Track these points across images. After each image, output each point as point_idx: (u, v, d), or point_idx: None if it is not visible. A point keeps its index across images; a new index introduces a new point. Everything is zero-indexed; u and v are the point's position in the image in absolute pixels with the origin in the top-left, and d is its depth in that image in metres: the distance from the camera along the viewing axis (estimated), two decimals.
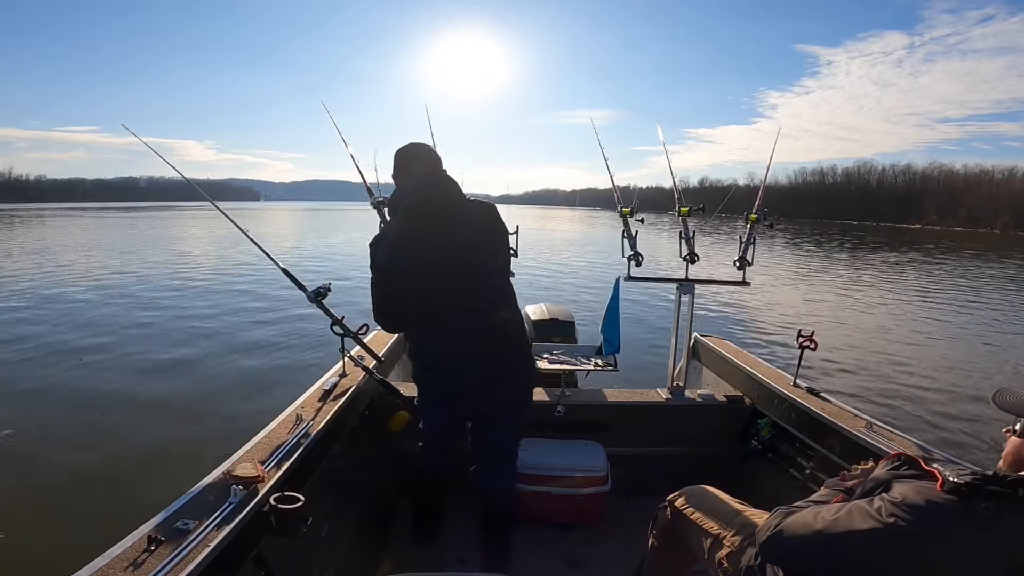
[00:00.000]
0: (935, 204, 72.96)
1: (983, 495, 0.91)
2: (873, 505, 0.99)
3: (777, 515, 1.16)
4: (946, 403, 5.34)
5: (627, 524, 2.22)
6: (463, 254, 1.71)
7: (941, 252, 25.46)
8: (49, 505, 3.22)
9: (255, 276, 11.95)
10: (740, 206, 3.04)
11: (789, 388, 2.35)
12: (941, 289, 13.20)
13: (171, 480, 1.67)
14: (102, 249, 18.82)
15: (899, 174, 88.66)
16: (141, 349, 6.51)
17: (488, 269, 1.77)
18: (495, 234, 1.80)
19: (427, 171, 1.80)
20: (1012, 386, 1.11)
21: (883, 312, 10.18)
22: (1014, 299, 12.15)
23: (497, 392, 1.78)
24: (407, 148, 1.87)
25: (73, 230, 28.99)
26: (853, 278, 14.93)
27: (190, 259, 16.12)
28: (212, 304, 9.31)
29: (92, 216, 48.67)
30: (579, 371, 2.67)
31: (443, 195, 1.76)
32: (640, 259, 2.57)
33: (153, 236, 25.75)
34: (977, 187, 72.93)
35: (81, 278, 11.88)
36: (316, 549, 1.67)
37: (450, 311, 1.71)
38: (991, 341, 8.15)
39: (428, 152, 1.86)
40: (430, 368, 1.84)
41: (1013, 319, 9.87)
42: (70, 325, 7.63)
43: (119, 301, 9.43)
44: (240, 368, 5.92)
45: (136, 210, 69.54)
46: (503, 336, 1.77)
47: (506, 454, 1.94)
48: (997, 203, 65.97)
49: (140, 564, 1.11)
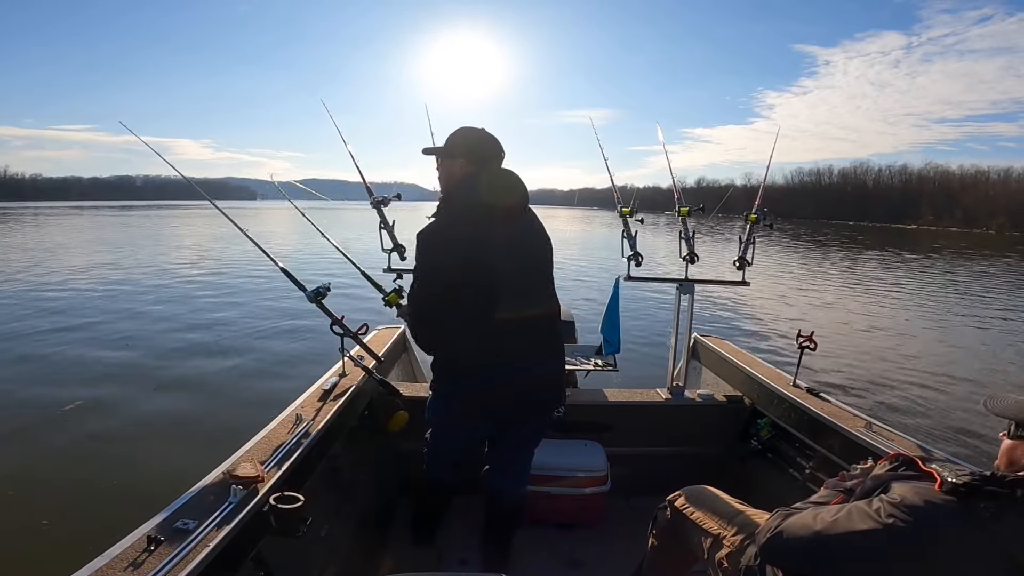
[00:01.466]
0: (931, 205, 73.08)
1: (981, 496, 0.91)
2: (872, 506, 0.99)
3: (777, 516, 1.16)
4: (945, 403, 5.34)
5: (627, 524, 2.22)
6: (536, 260, 1.68)
7: (937, 252, 25.48)
8: (49, 505, 3.21)
9: (255, 276, 11.94)
10: (738, 206, 3.05)
11: (789, 388, 2.35)
12: (941, 290, 13.22)
13: (171, 480, 1.67)
14: (100, 248, 18.79)
15: (895, 175, 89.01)
16: (140, 349, 6.50)
17: (550, 277, 1.74)
18: (549, 241, 1.75)
19: (501, 162, 1.68)
20: (1005, 389, 1.12)
21: (882, 313, 10.19)
22: (1013, 301, 12.16)
23: (538, 406, 1.76)
24: (482, 132, 1.68)
25: (70, 230, 28.94)
26: (852, 279, 14.95)
27: (189, 258, 16.09)
28: (211, 304, 9.30)
29: (89, 215, 48.54)
30: (579, 371, 2.67)
31: (522, 196, 1.66)
32: (640, 259, 2.57)
33: (151, 235, 25.68)
34: (973, 188, 73.09)
35: (78, 277, 11.86)
36: (316, 549, 1.67)
37: (519, 320, 1.62)
38: (991, 341, 8.17)
39: (500, 144, 1.70)
40: (475, 377, 1.66)
41: (1012, 320, 9.89)
42: (69, 325, 7.62)
43: (118, 301, 9.42)
44: (240, 368, 5.92)
45: (133, 209, 69.37)
46: (557, 350, 1.76)
47: (525, 461, 1.91)
48: (993, 204, 66.10)
49: (140, 564, 1.10)
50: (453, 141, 1.68)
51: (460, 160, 1.65)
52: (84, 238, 23.59)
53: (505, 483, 1.89)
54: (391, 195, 2.43)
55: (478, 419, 1.74)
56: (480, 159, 1.65)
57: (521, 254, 1.63)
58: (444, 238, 1.60)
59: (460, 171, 1.65)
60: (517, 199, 1.64)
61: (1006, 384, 6.00)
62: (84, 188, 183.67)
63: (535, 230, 1.70)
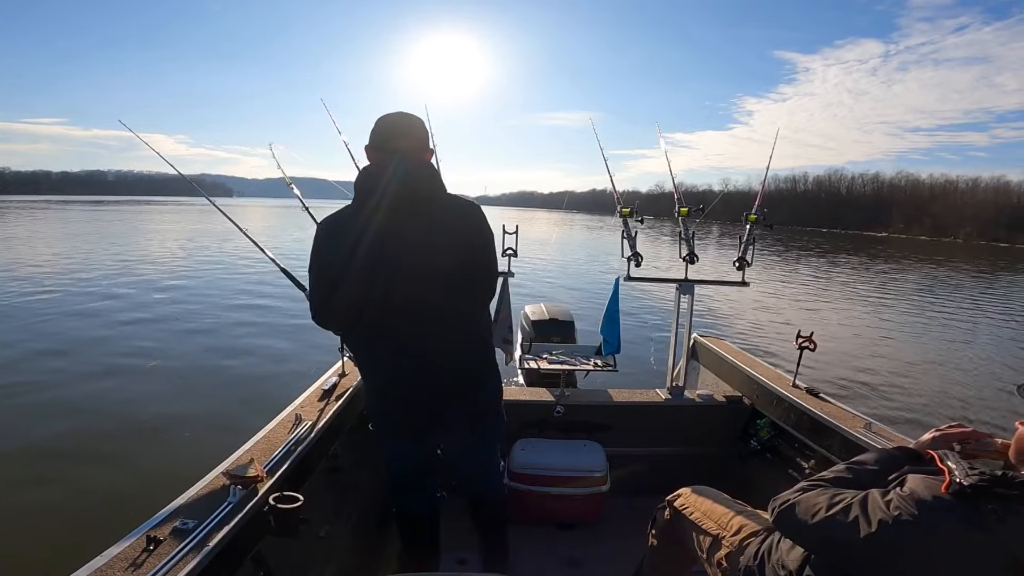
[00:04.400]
0: (902, 213, 74.00)
1: (988, 497, 0.91)
2: (886, 498, 0.99)
3: (796, 489, 1.15)
4: (945, 403, 5.35)
5: (627, 524, 2.22)
6: (442, 260, 1.46)
7: (919, 261, 25.55)
8: (49, 505, 3.22)
9: (253, 275, 11.93)
10: (714, 213, 3.06)
11: (788, 388, 2.36)
12: (941, 291, 13.22)
13: (171, 480, 1.66)
14: (79, 242, 18.73)
15: (868, 183, 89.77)
16: (140, 349, 6.50)
17: (469, 290, 1.54)
18: (481, 245, 1.54)
19: (412, 148, 1.50)
20: (1007, 390, 1.13)
21: (882, 313, 10.19)
22: (1011, 306, 12.18)
23: (467, 412, 1.65)
24: (395, 117, 1.52)
25: (54, 223, 28.82)
26: (851, 279, 14.95)
27: (182, 256, 16.07)
28: (211, 304, 9.29)
29: (61, 210, 48.03)
30: (578, 371, 2.67)
31: (429, 187, 1.49)
32: (640, 259, 2.57)
33: (139, 232, 25.61)
34: (943, 197, 74.32)
35: (58, 274, 11.85)
36: (315, 549, 1.67)
37: (414, 323, 1.48)
38: (989, 341, 8.17)
39: (420, 128, 1.54)
40: (388, 392, 1.60)
41: (1012, 321, 9.90)
42: (66, 324, 7.62)
43: (114, 301, 9.41)
44: (239, 368, 5.92)
45: (106, 204, 68.85)
46: (462, 338, 1.58)
47: (490, 466, 1.83)
48: (961, 213, 67.15)
49: (140, 564, 1.11)
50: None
51: (375, 153, 1.52)
52: (70, 231, 23.51)
53: (476, 487, 1.85)
54: None
55: (409, 442, 1.70)
56: (379, 145, 1.51)
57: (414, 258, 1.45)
58: (330, 233, 1.49)
59: (368, 159, 1.54)
60: (411, 188, 1.45)
61: (1007, 385, 6.02)
62: (54, 182, 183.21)
63: (443, 230, 1.48)
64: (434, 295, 1.47)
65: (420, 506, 1.85)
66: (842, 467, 1.23)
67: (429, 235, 1.46)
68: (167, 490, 1.42)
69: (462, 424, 1.68)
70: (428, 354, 1.52)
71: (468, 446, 1.77)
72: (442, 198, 1.53)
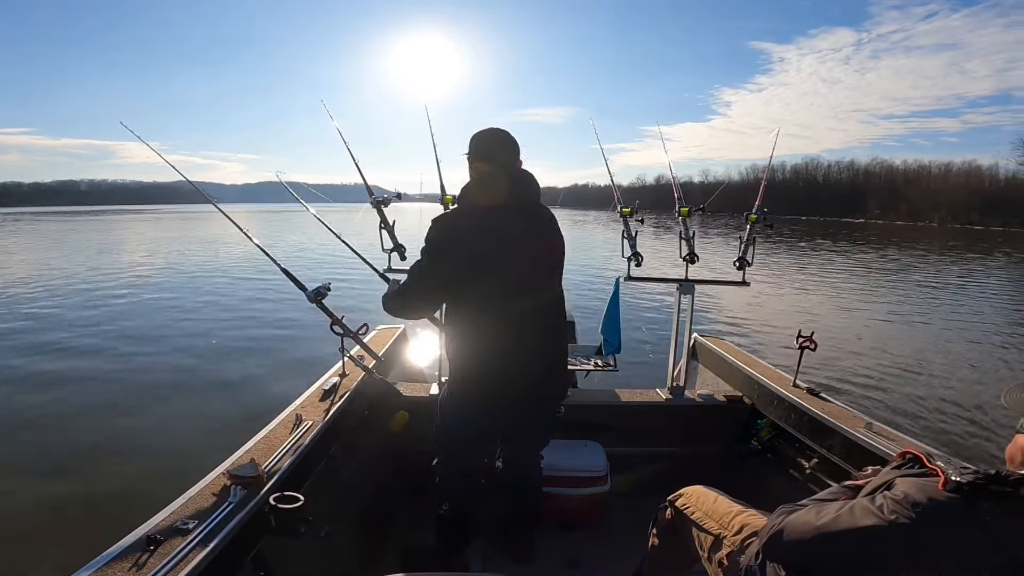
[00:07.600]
0: (877, 199, 73.84)
1: (985, 495, 0.91)
2: (875, 502, 0.99)
3: (780, 514, 1.15)
4: (946, 403, 5.35)
5: (627, 524, 2.22)
6: (546, 256, 1.74)
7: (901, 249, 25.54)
8: (49, 505, 3.22)
9: (253, 276, 11.94)
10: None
11: (789, 388, 2.36)
12: (941, 290, 13.22)
13: (171, 480, 1.67)
14: (68, 251, 18.74)
15: (844, 170, 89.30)
16: (140, 350, 6.51)
17: (560, 276, 1.80)
18: (561, 239, 1.80)
19: (515, 159, 1.73)
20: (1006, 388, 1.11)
21: (882, 313, 10.19)
22: (1010, 302, 12.18)
23: (544, 403, 1.84)
24: (497, 132, 1.74)
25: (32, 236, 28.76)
26: (850, 279, 14.94)
27: (178, 260, 16.02)
28: (210, 304, 9.31)
29: (30, 221, 47.43)
30: (579, 371, 2.67)
31: (535, 193, 1.74)
32: (640, 259, 2.57)
33: (128, 240, 25.59)
34: (916, 182, 74.13)
35: (65, 282, 11.85)
36: (316, 549, 1.67)
37: (528, 315, 1.67)
38: (989, 342, 8.16)
39: (516, 141, 1.75)
40: (485, 377, 1.71)
41: (1012, 320, 9.90)
42: (66, 327, 7.62)
43: (112, 303, 9.42)
44: (240, 368, 5.92)
45: (82, 214, 68.14)
46: (562, 346, 1.85)
47: (537, 457, 2.02)
48: (934, 198, 67.09)
49: (140, 564, 1.11)
50: (470, 144, 1.77)
51: (471, 159, 1.74)
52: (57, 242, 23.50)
53: (521, 470, 2.00)
54: (392, 196, 2.43)
55: (489, 417, 1.79)
56: (487, 157, 1.71)
57: (527, 248, 1.68)
58: (453, 228, 1.66)
59: (473, 170, 1.74)
60: (522, 195, 1.69)
61: (1007, 383, 6.00)
62: (25, 193, 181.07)
63: (544, 226, 1.76)
64: (543, 278, 1.74)
65: (463, 484, 1.94)
66: (823, 493, 1.24)
67: (541, 231, 1.73)
68: (167, 490, 1.42)
69: (541, 419, 1.87)
70: (540, 326, 1.73)
71: (534, 436, 1.93)
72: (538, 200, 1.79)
